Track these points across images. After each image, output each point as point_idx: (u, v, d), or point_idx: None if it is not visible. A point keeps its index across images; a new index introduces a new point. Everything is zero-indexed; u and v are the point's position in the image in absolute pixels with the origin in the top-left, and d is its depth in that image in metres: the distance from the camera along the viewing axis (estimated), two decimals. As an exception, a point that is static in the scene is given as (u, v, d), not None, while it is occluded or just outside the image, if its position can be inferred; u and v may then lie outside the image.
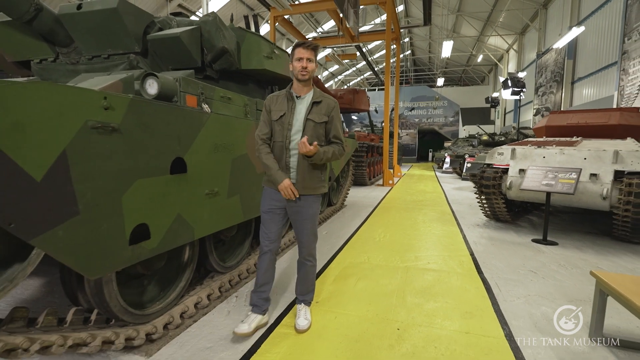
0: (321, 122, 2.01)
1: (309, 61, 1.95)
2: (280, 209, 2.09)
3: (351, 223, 5.21)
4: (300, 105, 2.02)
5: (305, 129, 1.98)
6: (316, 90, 2.06)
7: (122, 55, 2.77)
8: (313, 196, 2.08)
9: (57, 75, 2.99)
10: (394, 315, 2.36)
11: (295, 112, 2.01)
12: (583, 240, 4.32)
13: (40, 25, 2.64)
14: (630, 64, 8.53)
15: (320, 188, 2.10)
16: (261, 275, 2.14)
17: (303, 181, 2.00)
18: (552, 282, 2.96)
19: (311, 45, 1.95)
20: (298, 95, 2.04)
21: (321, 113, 2.02)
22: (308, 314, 2.21)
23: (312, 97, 2.03)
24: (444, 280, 3.00)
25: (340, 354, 1.90)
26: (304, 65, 1.94)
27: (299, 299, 2.26)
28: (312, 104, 2.01)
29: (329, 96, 2.07)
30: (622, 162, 4.00)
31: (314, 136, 1.99)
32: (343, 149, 2.11)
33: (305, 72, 1.96)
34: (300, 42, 1.96)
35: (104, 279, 1.73)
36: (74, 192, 1.38)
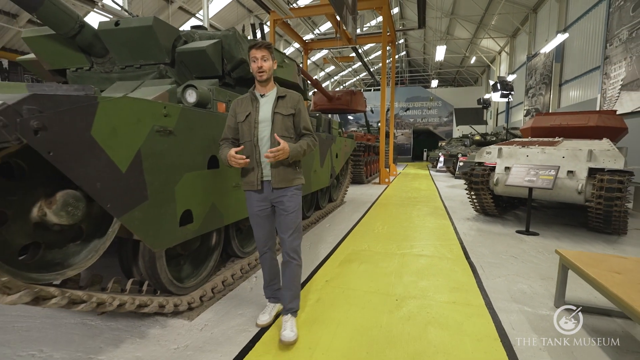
0: (288, 115, 2.03)
1: (263, 60, 1.94)
2: (263, 210, 2.07)
3: (351, 217, 5.62)
4: (265, 104, 2.03)
5: (275, 122, 1.99)
6: (279, 87, 2.09)
7: (152, 65, 3.13)
8: (292, 188, 2.06)
9: (91, 82, 3.35)
10: (393, 290, 2.76)
11: (261, 110, 2.01)
12: (562, 232, 4.76)
13: (82, 39, 2.99)
14: (611, 69, 9.04)
15: (296, 179, 2.08)
16: (267, 273, 2.23)
17: (278, 175, 1.99)
18: (530, 265, 3.39)
19: (264, 45, 1.94)
20: (262, 94, 2.05)
21: (287, 106, 2.03)
22: (294, 325, 2.08)
23: (277, 92, 2.05)
24: (435, 264, 3.41)
25: (351, 317, 2.30)
26: (259, 65, 1.94)
27: (284, 309, 2.12)
28: (277, 99, 2.03)
29: (292, 91, 2.10)
30: (595, 160, 4.45)
31: (283, 128, 2.01)
32: (315, 139, 2.13)
33: (262, 72, 1.95)
34: (252, 44, 1.96)
35: (157, 255, 2.11)
36: (145, 182, 1.76)
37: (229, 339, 2.04)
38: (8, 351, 1.87)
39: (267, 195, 2.04)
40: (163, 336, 2.04)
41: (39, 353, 1.86)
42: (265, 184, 2.02)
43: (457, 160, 12.49)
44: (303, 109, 2.10)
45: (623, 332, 2.17)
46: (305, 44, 14.26)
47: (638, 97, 7.93)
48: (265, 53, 1.94)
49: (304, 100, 2.12)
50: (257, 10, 16.27)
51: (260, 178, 2.01)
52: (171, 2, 13.41)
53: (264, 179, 2.02)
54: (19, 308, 2.35)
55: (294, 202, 2.07)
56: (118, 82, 3.17)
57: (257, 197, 2.05)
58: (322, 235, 4.42)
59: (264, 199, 2.05)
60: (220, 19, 15.66)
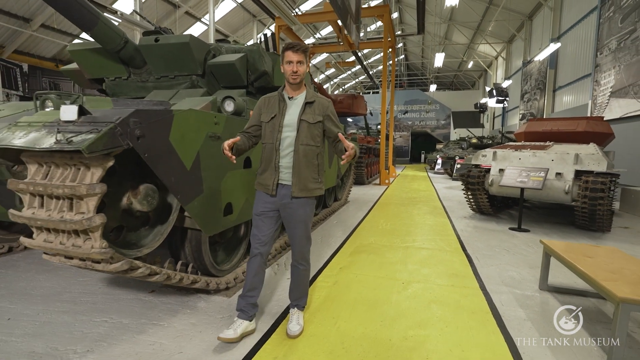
0: (315, 123, 1.96)
1: (299, 64, 1.91)
2: (272, 212, 2.02)
3: (356, 215, 6.02)
4: (292, 107, 1.98)
5: (300, 130, 1.93)
6: (309, 90, 2.02)
7: (185, 76, 3.52)
8: (306, 198, 2.00)
9: (127, 90, 3.73)
10: (399, 275, 3.16)
11: (287, 114, 1.96)
12: (551, 229, 5.18)
13: (125, 53, 3.38)
14: (602, 76, 9.51)
15: (316, 190, 2.02)
16: (250, 279, 2.06)
17: (299, 183, 1.94)
18: (519, 257, 3.79)
19: (301, 48, 1.91)
20: (290, 96, 2.00)
21: (315, 113, 1.97)
22: (301, 319, 2.16)
23: (305, 97, 1.98)
24: (435, 255, 3.81)
25: (365, 296, 2.69)
26: (294, 69, 1.91)
27: (292, 304, 2.21)
28: (305, 105, 1.97)
29: (322, 96, 2.04)
30: (581, 163, 4.88)
31: (309, 136, 1.95)
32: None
33: (296, 76, 1.92)
34: (290, 45, 1.92)
35: (202, 240, 2.49)
36: (201, 178, 2.15)
37: (262, 311, 2.42)
38: (84, 317, 2.25)
39: (279, 199, 1.99)
40: (209, 309, 2.43)
41: (109, 320, 2.24)
42: (279, 188, 1.99)
43: (454, 162, 12.92)
44: (332, 114, 2.04)
45: (595, 308, 2.57)
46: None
47: (626, 103, 8.39)
48: (302, 57, 1.91)
49: (333, 106, 2.06)
50: (261, 15, 16.68)
51: (276, 182, 1.97)
52: (178, 7, 13.79)
53: (280, 182, 1.98)
54: (81, 286, 2.73)
55: (306, 209, 2.01)
56: (154, 90, 3.56)
57: (268, 199, 2.01)
58: (331, 231, 4.82)
59: (273, 202, 2.00)
60: (225, 23, 16.05)
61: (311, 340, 2.05)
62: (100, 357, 1.85)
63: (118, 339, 2.03)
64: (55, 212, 1.61)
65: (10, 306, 2.40)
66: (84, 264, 1.74)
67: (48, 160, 1.65)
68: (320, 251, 3.83)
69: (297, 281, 2.18)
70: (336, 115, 2.10)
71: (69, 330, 2.11)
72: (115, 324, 2.19)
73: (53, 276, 2.94)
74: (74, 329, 2.13)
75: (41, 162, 1.67)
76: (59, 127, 1.55)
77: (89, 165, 1.58)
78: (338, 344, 2.02)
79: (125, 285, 2.77)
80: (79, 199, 1.57)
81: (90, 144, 1.43)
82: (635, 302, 1.78)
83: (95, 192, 1.53)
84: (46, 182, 1.59)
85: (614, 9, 8.95)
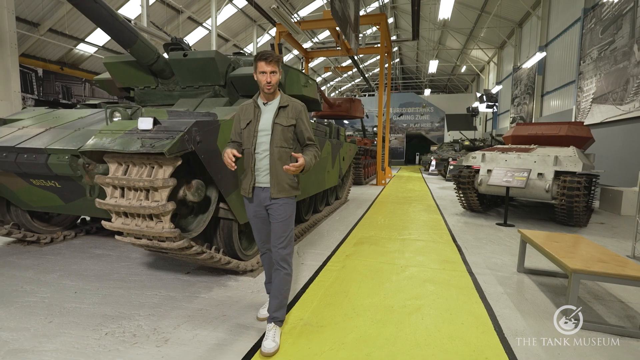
0: (289, 126, 2.01)
1: (272, 74, 1.95)
2: (259, 213, 2.09)
3: (356, 212, 6.50)
4: (266, 112, 2.02)
5: (274, 132, 1.97)
6: (283, 95, 2.07)
7: (209, 86, 3.97)
8: (285, 199, 2.04)
9: (154, 98, 4.17)
10: (397, 261, 3.64)
11: (262, 119, 2.01)
12: (534, 224, 5.71)
13: (156, 66, 3.82)
14: (585, 83, 10.12)
15: (294, 190, 2.07)
16: (267, 271, 2.29)
17: (277, 184, 1.99)
18: (503, 247, 4.30)
19: (274, 59, 1.94)
20: (265, 102, 2.05)
21: (288, 117, 2.01)
22: (277, 336, 2.02)
23: (279, 102, 2.04)
24: (429, 245, 4.30)
25: (369, 277, 3.17)
26: (268, 79, 1.95)
27: (269, 318, 2.08)
28: (279, 109, 2.01)
29: (295, 100, 2.08)
30: (560, 165, 5.41)
31: (282, 139, 1.99)
32: (318, 149, 2.16)
33: (270, 86, 1.97)
34: (262, 56, 1.94)
35: (232, 228, 2.95)
36: (237, 174, 2.61)
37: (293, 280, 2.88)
38: (137, 292, 2.70)
39: (261, 202, 2.05)
40: (239, 286, 2.89)
41: (159, 293, 2.69)
42: (256, 191, 2.05)
43: (448, 164, 13.49)
44: (305, 118, 2.08)
45: (562, 286, 3.08)
46: (306, 52, 15.15)
47: (606, 109, 8.99)
48: (275, 67, 1.95)
49: (306, 110, 2.11)
50: (260, 20, 17.15)
51: (252, 185, 2.04)
52: (181, 12, 14.20)
53: (256, 186, 2.04)
54: (125, 269, 3.18)
55: (285, 210, 2.03)
56: (181, 99, 4.01)
57: (251, 202, 2.08)
58: (334, 225, 5.29)
59: (257, 204, 2.06)
60: (226, 28, 16.49)
61: (327, 308, 2.51)
62: (161, 318, 2.31)
63: (171, 306, 2.48)
64: (135, 200, 2.06)
65: (71, 283, 2.84)
66: (151, 242, 2.20)
67: (128, 160, 2.10)
68: (327, 242, 4.31)
69: (277, 287, 2.07)
70: (308, 119, 2.15)
71: (128, 300, 2.55)
72: (164, 296, 2.64)
73: (98, 261, 3.37)
74: (131, 299, 2.57)
75: (120, 162, 2.13)
76: (139, 135, 2.01)
77: (161, 164, 2.04)
78: (350, 309, 2.49)
79: (163, 268, 3.21)
80: (155, 190, 2.03)
81: (170, 148, 1.89)
82: (584, 272, 2.28)
83: (168, 185, 1.99)
84: (128, 177, 2.04)
85: (595, 21, 9.57)
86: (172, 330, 2.15)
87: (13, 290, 2.67)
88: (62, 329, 2.13)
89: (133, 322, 2.24)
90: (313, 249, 4.02)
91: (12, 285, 2.77)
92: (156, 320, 2.27)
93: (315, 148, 2.13)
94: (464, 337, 2.15)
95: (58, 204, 3.10)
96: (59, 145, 2.51)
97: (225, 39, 17.22)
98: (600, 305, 2.67)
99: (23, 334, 2.07)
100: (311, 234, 4.70)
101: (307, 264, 3.47)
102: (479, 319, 2.40)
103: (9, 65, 6.81)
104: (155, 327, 2.19)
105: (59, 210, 3.21)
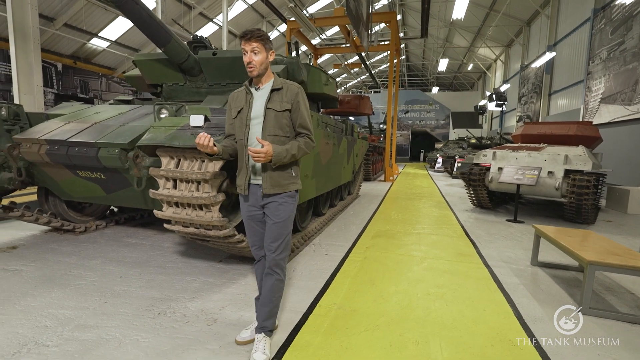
0: (283, 111, 1.78)
1: (254, 53, 1.73)
2: (254, 215, 1.89)
3: (369, 207, 6.68)
4: (259, 98, 1.81)
5: (266, 119, 1.77)
6: (277, 77, 1.85)
7: (236, 84, 4.13)
8: (282, 195, 1.81)
9: (182, 94, 4.34)
10: (415, 254, 3.82)
11: (254, 105, 1.81)
12: (543, 221, 5.86)
13: (186, 64, 3.99)
14: (593, 83, 10.21)
15: (291, 185, 1.84)
16: (259, 283, 2.02)
17: (270, 179, 1.78)
18: (515, 242, 4.47)
19: (254, 36, 1.72)
20: (257, 87, 1.84)
21: (283, 101, 1.79)
22: (267, 347, 1.85)
23: (272, 84, 1.81)
24: (444, 240, 4.48)
25: (391, 267, 3.35)
26: (248, 59, 1.73)
27: (257, 327, 1.91)
28: (272, 92, 1.80)
29: (292, 82, 1.86)
30: (570, 163, 5.56)
31: (277, 126, 1.77)
32: (312, 141, 1.87)
33: (251, 67, 1.74)
34: (242, 34, 1.74)
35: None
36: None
37: (320, 269, 3.07)
38: (177, 277, 2.89)
39: (257, 200, 1.85)
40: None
41: (198, 279, 2.88)
42: (252, 188, 1.85)
43: (454, 161, 13.62)
44: (302, 103, 1.84)
45: (574, 278, 3.24)
46: (315, 49, 15.25)
47: (614, 109, 9.10)
48: (256, 45, 1.72)
49: (304, 94, 1.87)
50: (270, 16, 17.25)
51: (248, 181, 1.84)
52: (192, 8, 14.33)
53: (252, 182, 1.85)
54: (162, 257, 3.37)
55: (283, 210, 1.82)
56: (208, 96, 4.17)
57: (247, 201, 1.89)
58: (350, 219, 5.47)
59: (253, 203, 1.87)
60: (236, 24, 16.60)
61: (356, 294, 2.70)
62: (205, 300, 2.49)
63: (211, 291, 2.67)
64: (187, 192, 2.24)
65: (114, 269, 3.03)
66: (198, 231, 2.38)
67: (180, 154, 2.28)
68: (345, 235, 4.49)
69: (268, 293, 1.88)
70: (306, 105, 1.87)
71: (171, 285, 2.75)
72: (204, 282, 2.83)
73: (134, 250, 3.57)
74: (173, 284, 2.77)
75: (173, 156, 2.30)
76: (191, 131, 2.18)
77: (212, 158, 2.21)
78: (378, 296, 2.67)
79: (197, 257, 3.41)
80: (206, 182, 2.20)
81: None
82: (599, 264, 2.44)
83: (219, 177, 2.17)
84: (181, 170, 2.22)
85: (605, 22, 9.64)
86: (218, 312, 2.34)
87: (63, 274, 2.87)
88: (118, 309, 2.33)
89: (180, 304, 2.43)
90: (333, 241, 4.20)
91: (60, 269, 2.97)
92: (201, 303, 2.46)
93: (306, 139, 1.85)
94: (487, 322, 2.32)
95: (99, 195, 3.29)
96: (109, 139, 2.69)
97: (235, 35, 17.34)
98: (612, 296, 2.84)
99: (84, 312, 2.26)
100: (329, 227, 4.88)
101: (331, 254, 3.65)
102: (499, 306, 2.57)
103: (32, 59, 6.99)
104: (201, 308, 2.38)
105: (98, 200, 3.40)
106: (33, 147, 2.91)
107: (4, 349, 1.84)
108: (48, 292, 2.53)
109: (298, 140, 1.82)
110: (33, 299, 2.41)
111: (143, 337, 2.00)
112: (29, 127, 3.26)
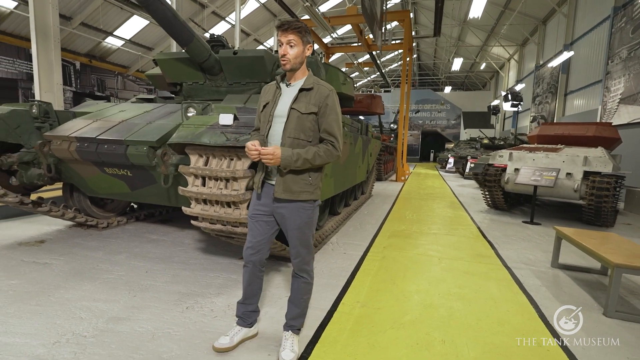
0: (308, 113, 1.66)
1: (289, 46, 1.64)
2: (266, 215, 1.79)
3: (382, 207, 6.68)
4: (287, 94, 1.73)
5: (289, 120, 1.67)
6: (310, 76, 1.74)
7: (255, 82, 4.18)
8: (297, 203, 1.71)
9: (202, 93, 4.41)
10: (433, 254, 3.82)
11: (280, 102, 1.72)
12: (560, 223, 5.79)
13: (207, 63, 4.04)
14: (612, 83, 10.02)
15: (303, 193, 1.70)
16: (245, 288, 1.92)
17: (283, 182, 1.68)
18: (533, 244, 4.43)
19: (291, 26, 1.62)
20: (288, 82, 1.75)
21: (310, 102, 1.67)
22: (295, 345, 1.83)
23: (303, 83, 1.71)
24: (460, 240, 4.46)
25: (410, 266, 3.36)
26: (282, 52, 1.64)
27: (286, 325, 1.91)
28: (300, 91, 1.69)
29: (325, 83, 1.73)
30: (590, 165, 5.48)
31: (299, 129, 1.66)
32: (336, 149, 1.71)
33: (285, 60, 1.65)
34: (279, 24, 1.65)
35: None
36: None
37: (340, 268, 3.09)
38: (201, 273, 2.95)
39: (269, 201, 1.76)
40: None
41: (221, 275, 2.93)
42: (266, 187, 1.78)
43: (466, 162, 13.50)
44: (331, 106, 1.70)
45: (597, 281, 3.21)
46: (327, 47, 15.25)
47: (634, 110, 8.92)
48: (293, 37, 1.63)
49: (336, 96, 1.74)
50: (281, 14, 17.28)
51: (262, 179, 1.78)
52: (205, 7, 14.45)
53: (266, 181, 1.78)
54: (183, 253, 3.43)
55: (297, 218, 1.73)
56: (228, 95, 4.22)
57: (258, 200, 1.81)
58: (365, 219, 5.49)
59: (265, 203, 1.78)
60: (247, 23, 16.70)
61: (378, 293, 2.72)
62: (230, 296, 2.54)
63: (235, 287, 2.71)
64: (215, 189, 2.29)
65: (140, 264, 3.10)
66: (225, 227, 2.43)
67: (209, 152, 2.32)
68: (362, 234, 4.51)
69: (296, 295, 1.89)
70: (337, 108, 1.73)
71: (196, 280, 2.80)
72: (227, 278, 2.88)
73: (156, 245, 3.64)
74: (198, 280, 2.82)
75: (202, 154, 2.35)
76: (221, 130, 2.23)
77: (240, 156, 2.25)
78: (400, 295, 2.69)
79: (218, 254, 3.46)
80: (235, 180, 2.24)
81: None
82: (626, 267, 2.42)
83: (247, 175, 2.21)
84: (210, 168, 2.26)
85: (626, 20, 9.44)
86: (244, 307, 2.38)
87: (91, 268, 2.95)
88: (147, 302, 2.39)
89: (207, 299, 2.48)
90: (351, 240, 4.22)
91: (87, 264, 3.05)
92: (227, 298, 2.50)
93: (329, 146, 1.69)
94: (511, 322, 2.32)
95: (124, 191, 3.37)
96: (137, 137, 2.75)
97: (247, 34, 17.43)
98: (636, 300, 2.81)
99: (115, 305, 2.33)
100: (345, 226, 4.90)
101: (349, 253, 3.67)
102: (522, 307, 2.57)
103: (52, 58, 7.15)
104: (228, 304, 2.42)
105: (122, 197, 3.47)
106: (63, 144, 2.99)
107: (45, 338, 1.91)
108: (79, 285, 2.60)
109: (318, 146, 1.68)
110: (66, 292, 2.49)
111: (174, 330, 2.05)
112: (58, 124, 3.34)
